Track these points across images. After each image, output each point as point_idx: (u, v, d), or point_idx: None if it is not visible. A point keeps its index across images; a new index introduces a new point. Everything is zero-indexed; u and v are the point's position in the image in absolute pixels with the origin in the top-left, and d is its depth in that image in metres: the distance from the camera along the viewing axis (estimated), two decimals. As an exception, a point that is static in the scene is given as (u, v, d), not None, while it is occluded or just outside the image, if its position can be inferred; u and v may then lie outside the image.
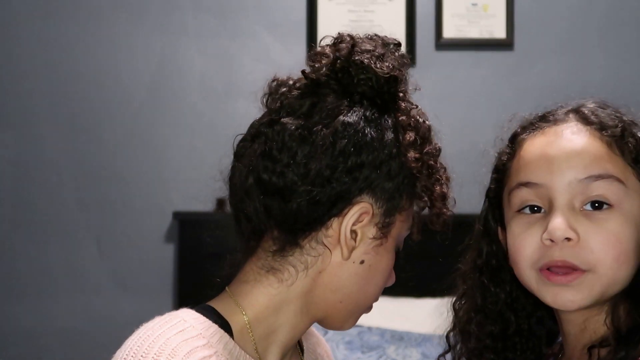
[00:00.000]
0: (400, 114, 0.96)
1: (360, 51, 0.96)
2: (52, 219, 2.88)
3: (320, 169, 0.91)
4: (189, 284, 2.77)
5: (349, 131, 0.92)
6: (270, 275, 0.95)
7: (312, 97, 0.95)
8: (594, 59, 2.88)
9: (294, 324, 0.97)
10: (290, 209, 0.92)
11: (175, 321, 0.90)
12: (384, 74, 0.95)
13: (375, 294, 0.99)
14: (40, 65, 2.88)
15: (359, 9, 2.87)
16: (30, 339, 2.87)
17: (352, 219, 0.93)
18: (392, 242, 0.97)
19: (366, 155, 0.92)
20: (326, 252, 0.94)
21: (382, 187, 0.93)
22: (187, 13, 2.89)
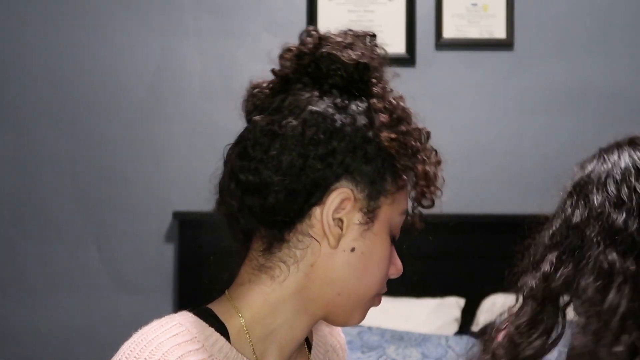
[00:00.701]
0: (373, 98, 0.95)
1: (327, 43, 0.96)
2: (52, 219, 2.88)
3: (292, 160, 0.91)
4: (189, 284, 2.77)
5: (318, 119, 0.92)
6: (263, 274, 0.95)
7: (283, 93, 0.96)
8: (594, 59, 2.88)
9: (293, 323, 0.96)
10: (269, 204, 0.92)
11: (170, 325, 0.91)
12: (351, 61, 0.95)
13: (375, 284, 0.97)
14: (40, 66, 2.88)
15: (359, 9, 2.87)
16: (30, 339, 2.87)
17: (333, 205, 0.92)
18: (382, 227, 0.95)
19: (338, 141, 0.92)
20: (314, 243, 0.93)
21: (360, 171, 0.92)
22: (187, 13, 2.89)
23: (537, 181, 2.89)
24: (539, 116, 2.89)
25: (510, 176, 2.89)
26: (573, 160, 3.36)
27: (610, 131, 3.20)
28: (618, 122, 2.90)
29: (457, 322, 2.72)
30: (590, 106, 2.89)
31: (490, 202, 2.87)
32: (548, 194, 3.27)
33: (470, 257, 2.81)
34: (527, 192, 2.89)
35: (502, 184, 2.88)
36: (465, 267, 2.81)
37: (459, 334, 2.61)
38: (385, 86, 0.98)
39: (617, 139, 1.07)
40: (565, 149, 2.89)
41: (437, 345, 2.48)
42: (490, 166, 2.89)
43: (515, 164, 2.89)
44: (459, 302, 2.76)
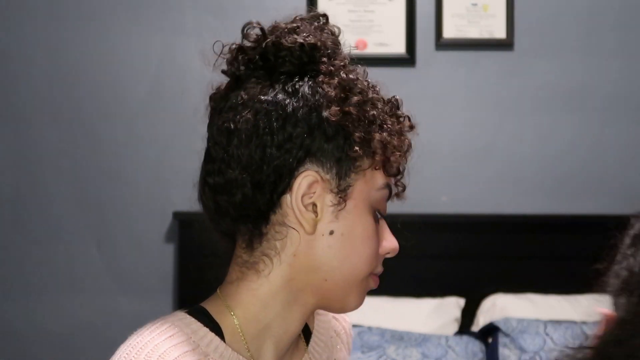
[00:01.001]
0: (321, 76, 0.94)
1: (273, 32, 0.97)
2: (52, 219, 2.88)
3: (250, 153, 0.91)
4: (189, 284, 2.77)
5: (268, 108, 0.92)
6: (249, 270, 0.95)
7: (235, 91, 0.96)
8: (594, 59, 2.88)
9: (285, 316, 0.95)
10: (238, 200, 0.92)
11: (165, 326, 0.91)
12: (296, 44, 0.94)
13: (364, 264, 0.95)
14: (40, 65, 2.88)
15: (359, 9, 2.87)
16: (30, 339, 2.87)
17: (301, 190, 0.91)
18: (359, 205, 0.93)
19: (292, 126, 0.91)
20: (292, 232, 0.92)
21: (323, 150, 0.91)
22: (187, 13, 2.89)
23: (537, 181, 2.89)
24: (538, 116, 2.89)
25: (510, 176, 2.88)
26: (573, 160, 3.38)
27: (610, 131, 3.23)
28: (618, 122, 2.90)
29: (457, 322, 2.72)
30: (590, 106, 2.89)
31: (490, 202, 2.87)
32: (548, 194, 3.29)
33: (470, 257, 2.81)
34: (527, 192, 2.89)
35: (502, 184, 2.88)
36: (465, 267, 2.81)
37: (459, 334, 2.61)
38: (337, 63, 0.96)
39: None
40: (565, 148, 2.90)
41: (437, 345, 2.48)
42: (490, 166, 2.89)
43: (515, 164, 2.89)
44: (459, 302, 2.76)
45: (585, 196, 2.87)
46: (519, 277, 2.80)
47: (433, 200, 2.84)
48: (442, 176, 2.86)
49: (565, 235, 2.83)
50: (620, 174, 2.88)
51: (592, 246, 3.10)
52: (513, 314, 2.61)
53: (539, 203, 2.88)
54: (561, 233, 2.83)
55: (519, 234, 2.85)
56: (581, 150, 2.89)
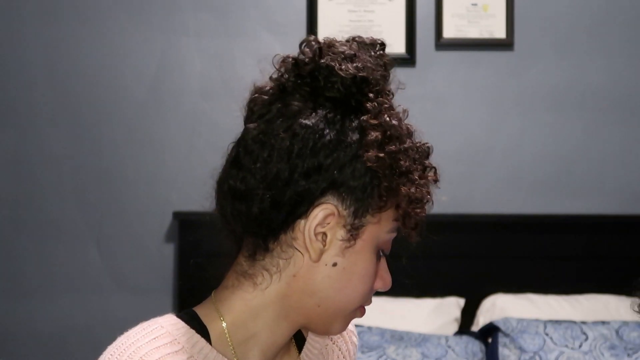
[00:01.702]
0: (367, 114, 0.93)
1: (329, 53, 0.95)
2: (52, 219, 2.88)
3: (278, 172, 0.92)
4: (189, 284, 2.77)
5: (307, 133, 0.92)
6: (246, 280, 0.96)
7: (279, 102, 0.95)
8: (594, 60, 2.88)
9: (274, 328, 0.97)
10: (254, 212, 0.93)
11: (152, 328, 0.94)
12: (348, 75, 0.93)
13: (356, 298, 0.97)
14: (40, 65, 2.88)
15: (359, 9, 2.87)
16: (29, 339, 2.87)
17: (316, 220, 0.92)
18: (367, 246, 0.95)
19: (324, 157, 0.91)
20: (297, 255, 0.94)
21: (347, 187, 0.92)
22: (187, 13, 2.89)
23: (537, 181, 2.89)
24: (538, 116, 2.89)
25: (510, 176, 2.89)
26: (573, 159, 3.39)
27: (610, 131, 3.24)
28: (618, 122, 2.90)
29: (457, 322, 2.72)
30: (590, 106, 2.89)
31: (490, 202, 2.87)
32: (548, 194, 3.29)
33: (470, 257, 2.81)
34: (527, 192, 2.89)
35: (502, 184, 2.88)
36: (465, 267, 2.81)
37: (459, 334, 2.61)
38: (384, 101, 0.95)
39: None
40: (565, 148, 2.90)
41: (437, 345, 2.48)
42: (490, 166, 2.89)
43: (515, 164, 2.89)
44: (459, 302, 2.76)
45: (585, 196, 2.87)
46: (519, 277, 2.80)
47: (433, 200, 2.84)
48: (442, 176, 2.85)
49: (565, 235, 2.83)
50: (620, 174, 2.89)
51: (592, 246, 3.13)
52: (513, 314, 2.61)
53: (539, 203, 2.88)
54: (561, 233, 2.83)
55: (519, 234, 2.84)
56: (581, 150, 2.89)
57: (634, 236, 2.83)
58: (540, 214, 2.87)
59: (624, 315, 2.64)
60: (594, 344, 2.44)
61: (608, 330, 2.48)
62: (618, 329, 2.49)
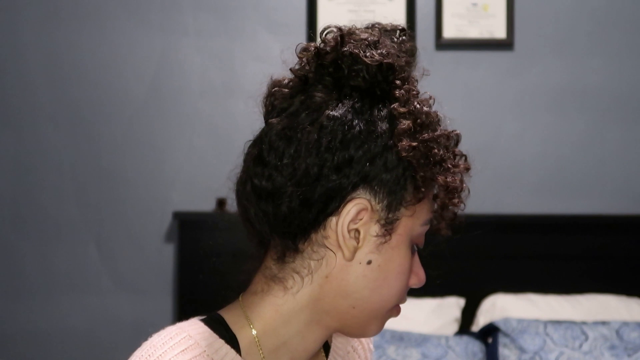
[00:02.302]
0: (396, 103, 0.90)
1: (350, 41, 0.90)
2: (52, 219, 2.88)
3: (307, 168, 0.87)
4: (189, 284, 2.77)
5: (335, 125, 0.87)
6: (276, 284, 0.92)
7: (301, 94, 0.91)
8: (594, 60, 2.88)
9: (305, 334, 0.93)
10: (283, 212, 0.88)
11: (179, 337, 0.89)
12: (374, 62, 0.89)
13: (393, 297, 0.93)
14: (41, 65, 2.88)
15: (359, 9, 2.87)
16: (29, 339, 2.87)
17: (349, 216, 0.87)
18: (401, 240, 0.90)
19: (355, 149, 0.87)
20: (329, 254, 0.89)
21: (380, 180, 0.87)
22: (187, 13, 2.89)
23: (537, 181, 2.89)
24: (538, 116, 2.89)
25: (510, 176, 2.89)
26: (573, 159, 3.39)
27: (611, 131, 3.24)
28: (618, 121, 2.90)
29: (457, 322, 2.72)
30: (590, 106, 2.89)
31: (490, 202, 2.87)
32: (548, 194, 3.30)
33: (470, 257, 2.81)
34: (527, 192, 2.89)
35: (502, 184, 2.88)
36: (465, 267, 2.81)
37: (459, 334, 2.61)
38: (411, 88, 0.92)
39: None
40: (566, 148, 2.90)
41: (437, 345, 2.48)
42: (490, 166, 2.88)
43: (515, 164, 2.89)
44: (459, 302, 2.76)
45: (585, 196, 2.87)
46: (519, 277, 2.80)
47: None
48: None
49: (565, 235, 2.83)
50: (620, 174, 2.89)
51: (592, 246, 3.13)
52: (513, 314, 2.61)
53: (539, 203, 2.88)
54: (561, 233, 2.83)
55: (519, 234, 2.84)
56: (581, 150, 2.89)
57: (634, 236, 2.83)
58: (540, 214, 2.87)
59: (624, 315, 2.64)
60: (594, 344, 2.44)
61: (608, 330, 2.48)
62: (618, 329, 2.49)
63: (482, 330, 2.59)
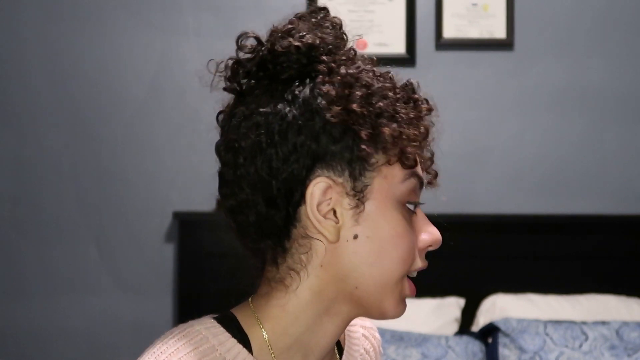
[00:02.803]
0: (320, 76, 0.89)
1: (270, 39, 0.92)
2: (52, 219, 2.88)
3: (256, 171, 0.88)
4: (189, 284, 2.77)
5: (268, 120, 0.88)
6: (277, 285, 0.92)
7: (240, 106, 0.93)
8: (594, 60, 2.88)
9: (316, 329, 0.92)
10: (253, 221, 0.89)
11: (191, 336, 0.89)
12: (292, 49, 0.90)
13: (397, 266, 0.89)
14: (40, 65, 2.88)
15: (359, 9, 2.87)
16: (29, 339, 2.87)
17: (315, 199, 0.87)
18: (382, 203, 0.88)
19: (295, 136, 0.87)
20: (315, 243, 0.89)
21: (332, 154, 0.87)
22: (187, 13, 2.89)
23: (537, 181, 2.89)
24: (539, 116, 2.89)
25: (510, 176, 2.88)
26: (573, 160, 3.39)
27: (611, 131, 3.23)
28: (618, 121, 2.90)
29: (457, 322, 2.72)
30: (590, 106, 2.89)
31: (490, 202, 2.87)
32: (548, 194, 3.29)
33: (470, 257, 2.81)
34: (527, 192, 2.89)
35: (502, 184, 2.88)
36: (465, 267, 2.81)
37: (459, 334, 2.61)
38: (338, 59, 0.91)
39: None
40: (565, 148, 2.89)
41: (437, 345, 2.48)
42: (490, 166, 2.88)
43: (515, 164, 2.89)
44: (459, 302, 2.76)
45: (585, 196, 2.87)
46: (519, 277, 2.80)
47: (433, 200, 2.84)
48: (442, 176, 2.85)
49: (565, 235, 2.83)
50: (620, 174, 2.89)
51: (592, 246, 3.13)
52: (513, 314, 2.61)
53: (539, 203, 2.88)
54: (561, 233, 2.83)
55: (519, 234, 2.84)
56: (581, 150, 2.89)
57: (634, 236, 2.83)
58: (540, 214, 2.87)
59: (624, 315, 2.64)
60: (594, 344, 2.44)
61: (608, 330, 2.48)
62: (618, 329, 2.49)
63: (482, 330, 2.59)
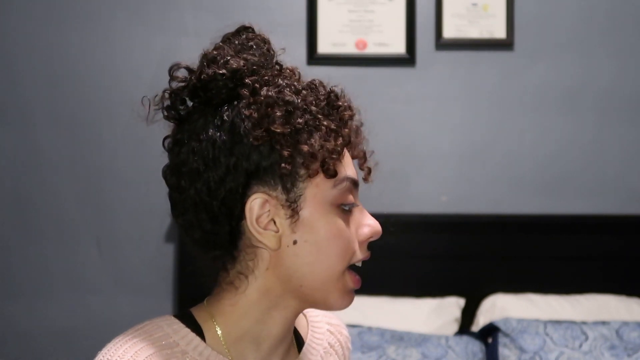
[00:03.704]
0: (243, 100, 0.96)
1: (200, 69, 0.99)
2: (51, 219, 2.88)
3: (197, 193, 0.95)
4: (189, 284, 2.77)
5: (202, 146, 0.95)
6: (228, 287, 1.00)
7: (179, 133, 0.99)
8: (594, 59, 2.88)
9: (266, 321, 1.00)
10: (199, 237, 0.98)
11: (148, 326, 0.98)
12: (218, 76, 0.96)
13: (336, 261, 0.97)
14: (39, 65, 2.88)
15: (359, 9, 2.87)
16: (29, 339, 2.87)
17: (253, 213, 0.94)
18: (317, 209, 0.95)
19: (226, 157, 0.94)
20: (259, 251, 0.97)
21: (264, 170, 0.94)
22: (187, 12, 2.89)
23: (537, 181, 2.89)
24: (539, 116, 2.89)
25: (510, 176, 2.89)
26: (573, 160, 3.38)
27: (610, 131, 3.23)
28: (617, 122, 2.90)
29: (457, 322, 2.72)
30: (590, 106, 2.89)
31: (490, 202, 2.87)
32: (548, 194, 3.29)
33: (470, 257, 2.81)
34: (527, 192, 2.89)
35: (502, 184, 2.88)
36: (465, 267, 2.81)
37: (459, 334, 2.61)
38: (261, 79, 0.97)
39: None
40: (565, 148, 2.89)
41: (437, 345, 2.48)
42: (490, 166, 2.88)
43: (515, 164, 2.89)
44: (459, 302, 2.76)
45: (585, 196, 2.87)
46: (519, 277, 2.80)
47: (433, 200, 2.84)
48: (442, 176, 2.86)
49: (565, 235, 2.83)
50: (619, 174, 2.89)
51: (592, 246, 3.12)
52: (513, 314, 2.61)
53: (539, 203, 2.88)
54: (561, 233, 2.83)
55: (519, 234, 2.84)
56: (581, 150, 2.89)
57: (634, 236, 2.83)
58: (541, 214, 2.87)
59: (624, 315, 2.64)
60: (594, 344, 2.44)
61: (608, 330, 2.48)
62: (618, 329, 2.49)
63: (482, 330, 2.59)
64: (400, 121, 2.84)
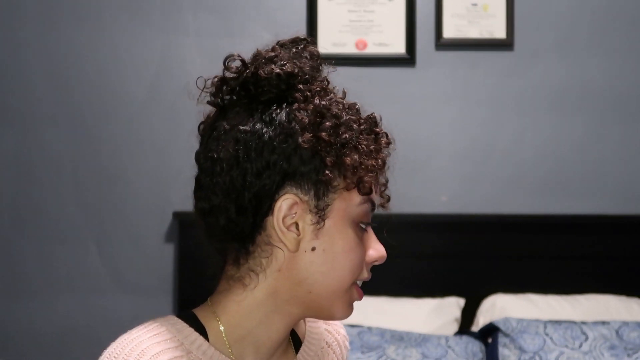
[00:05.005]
0: (296, 104, 0.99)
1: (253, 62, 1.03)
2: (52, 219, 2.88)
3: (231, 180, 0.97)
4: (189, 284, 2.77)
5: (247, 137, 0.98)
6: (235, 283, 1.01)
7: (221, 120, 1.03)
8: (594, 59, 2.88)
9: (268, 324, 1.01)
10: (222, 224, 0.99)
11: (152, 326, 0.99)
12: (273, 75, 0.99)
13: (347, 276, 1.00)
14: (40, 66, 2.88)
15: (359, 9, 2.87)
16: (30, 339, 2.87)
17: (281, 213, 0.96)
18: (339, 222, 0.98)
19: (269, 153, 0.96)
20: (276, 250, 0.98)
21: (301, 174, 0.97)
22: (187, 13, 2.89)
23: (537, 181, 2.89)
24: (538, 116, 2.89)
25: (510, 176, 2.89)
26: (573, 160, 3.39)
27: (611, 131, 3.23)
28: (618, 121, 2.90)
29: (457, 322, 2.72)
30: (590, 106, 2.89)
31: (490, 202, 2.87)
32: (548, 194, 3.29)
33: (470, 257, 2.81)
34: (527, 192, 2.89)
35: (502, 184, 2.88)
36: (465, 267, 2.81)
37: (459, 334, 2.61)
38: (313, 88, 1.01)
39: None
40: (565, 149, 2.90)
41: (437, 345, 2.48)
42: (490, 166, 2.89)
43: (515, 164, 2.89)
44: (459, 302, 2.76)
45: (585, 196, 2.87)
46: (519, 277, 2.80)
47: (433, 200, 2.84)
48: (442, 176, 2.86)
49: (565, 235, 2.83)
50: (620, 174, 2.89)
51: (592, 246, 3.13)
52: (513, 314, 2.61)
53: (539, 203, 2.88)
54: (561, 233, 2.83)
55: (519, 234, 2.84)
56: (581, 150, 2.89)
57: (634, 236, 2.83)
58: (540, 214, 2.87)
59: (624, 315, 2.64)
60: (594, 344, 2.44)
61: (608, 330, 2.48)
62: (618, 329, 2.49)
63: (482, 330, 2.59)
64: (400, 121, 2.83)
